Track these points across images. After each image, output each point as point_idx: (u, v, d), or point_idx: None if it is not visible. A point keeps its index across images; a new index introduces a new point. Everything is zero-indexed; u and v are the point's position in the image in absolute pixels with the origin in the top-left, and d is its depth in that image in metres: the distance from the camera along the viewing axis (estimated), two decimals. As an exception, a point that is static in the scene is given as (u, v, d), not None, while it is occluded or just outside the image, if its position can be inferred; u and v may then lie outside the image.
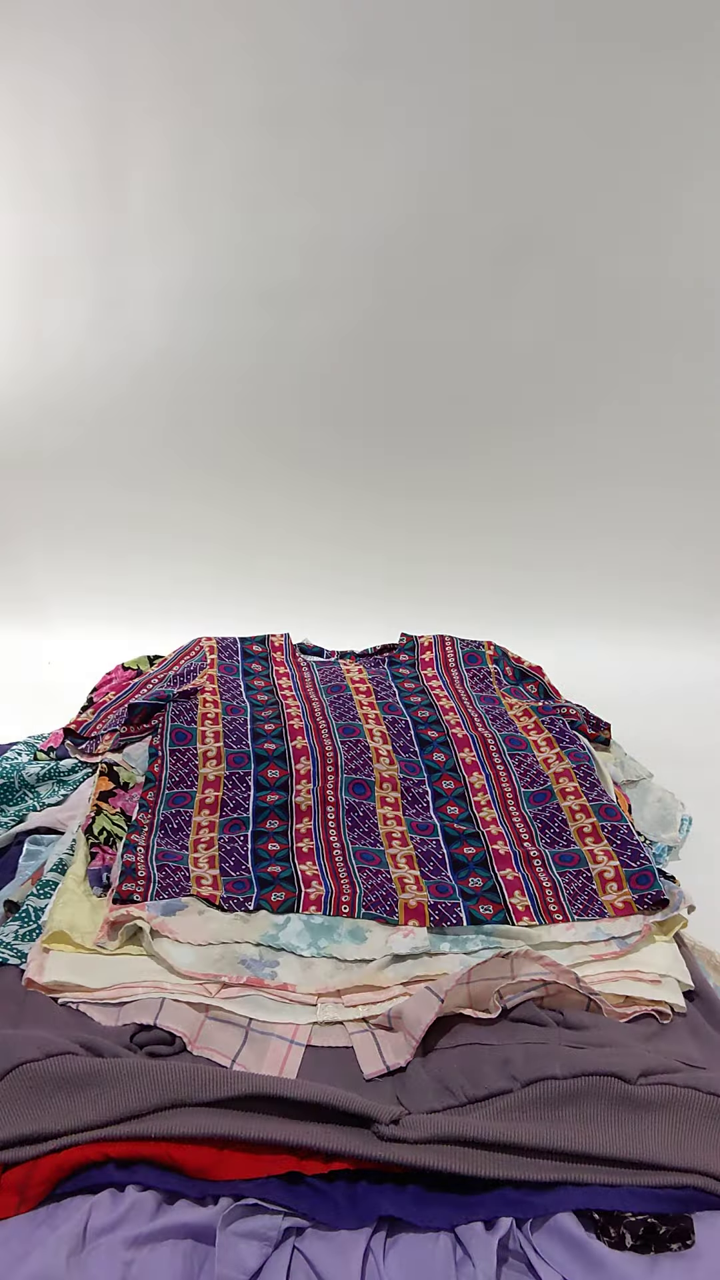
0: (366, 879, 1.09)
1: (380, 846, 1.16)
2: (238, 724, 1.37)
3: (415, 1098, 0.83)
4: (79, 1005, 0.94)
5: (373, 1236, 0.72)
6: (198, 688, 1.44)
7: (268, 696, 1.44)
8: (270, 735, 1.34)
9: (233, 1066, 0.87)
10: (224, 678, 1.48)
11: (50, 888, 1.10)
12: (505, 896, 1.07)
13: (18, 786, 1.33)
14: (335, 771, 1.26)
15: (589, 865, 1.12)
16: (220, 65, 1.86)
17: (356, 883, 1.09)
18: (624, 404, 2.11)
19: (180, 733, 1.34)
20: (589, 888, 1.09)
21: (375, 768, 1.28)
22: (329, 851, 1.15)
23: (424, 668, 1.55)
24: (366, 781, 1.25)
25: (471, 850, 1.15)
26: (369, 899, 1.06)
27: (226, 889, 1.09)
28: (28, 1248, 0.70)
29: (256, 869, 1.12)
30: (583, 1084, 0.80)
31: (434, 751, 1.33)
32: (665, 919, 1.04)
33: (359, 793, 1.24)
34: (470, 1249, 0.71)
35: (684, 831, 1.41)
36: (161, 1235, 0.71)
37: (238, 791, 1.25)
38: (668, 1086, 0.79)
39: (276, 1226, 0.72)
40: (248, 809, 1.22)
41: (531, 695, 1.53)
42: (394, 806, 1.23)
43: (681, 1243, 0.70)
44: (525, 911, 1.06)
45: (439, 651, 1.59)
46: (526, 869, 1.12)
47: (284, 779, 1.26)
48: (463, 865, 1.13)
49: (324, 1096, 0.79)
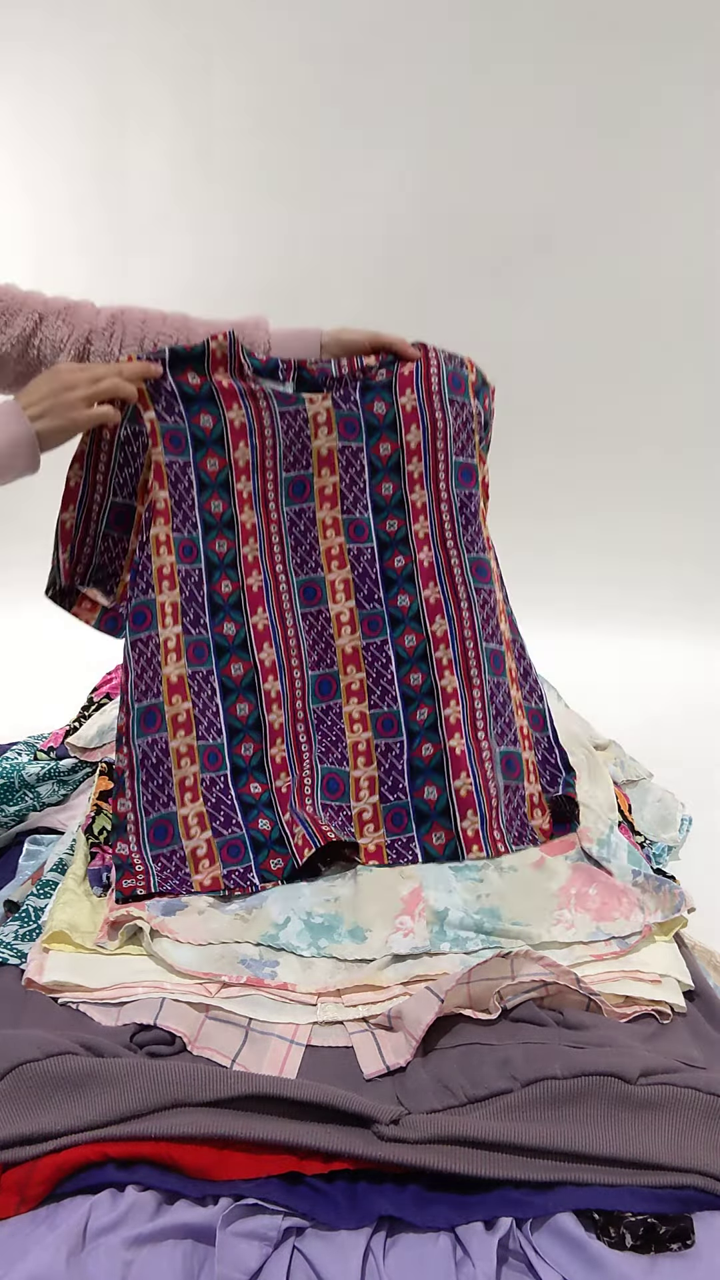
0: (329, 816, 1.19)
1: (345, 767, 1.21)
2: (192, 584, 1.20)
3: (415, 1098, 0.83)
4: (79, 1005, 0.94)
5: (373, 1236, 0.72)
6: (152, 502, 1.17)
7: (223, 506, 1.20)
8: (228, 605, 1.21)
9: (233, 1066, 0.87)
10: (171, 464, 1.17)
11: (50, 888, 1.10)
12: (458, 820, 1.19)
13: (18, 786, 1.33)
14: (300, 666, 1.24)
15: (524, 783, 1.24)
16: (220, 66, 1.86)
17: (324, 821, 1.17)
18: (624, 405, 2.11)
19: (139, 612, 1.18)
20: (522, 810, 1.20)
21: (338, 644, 1.25)
22: (301, 792, 1.20)
23: (402, 389, 1.25)
24: (330, 676, 1.25)
25: (430, 750, 1.21)
26: (342, 831, 1.17)
27: (224, 858, 1.13)
28: (27, 1247, 0.70)
29: (247, 824, 1.16)
30: (583, 1084, 0.80)
31: (398, 594, 1.26)
32: (666, 919, 1.05)
33: (325, 693, 1.24)
34: (470, 1249, 0.71)
35: (684, 831, 1.41)
36: (161, 1235, 0.71)
37: (206, 702, 1.20)
38: (668, 1086, 0.79)
39: (276, 1226, 0.72)
40: (220, 727, 1.20)
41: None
42: (359, 698, 1.24)
43: (681, 1243, 0.70)
44: (475, 839, 1.18)
45: (422, 370, 1.26)
46: (479, 773, 1.21)
47: (249, 675, 1.21)
48: (420, 771, 1.21)
49: (324, 1097, 0.79)
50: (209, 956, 0.99)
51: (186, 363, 1.17)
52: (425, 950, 1.00)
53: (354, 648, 1.25)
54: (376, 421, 1.25)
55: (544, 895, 1.09)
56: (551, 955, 0.98)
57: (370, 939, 1.02)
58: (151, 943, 1.00)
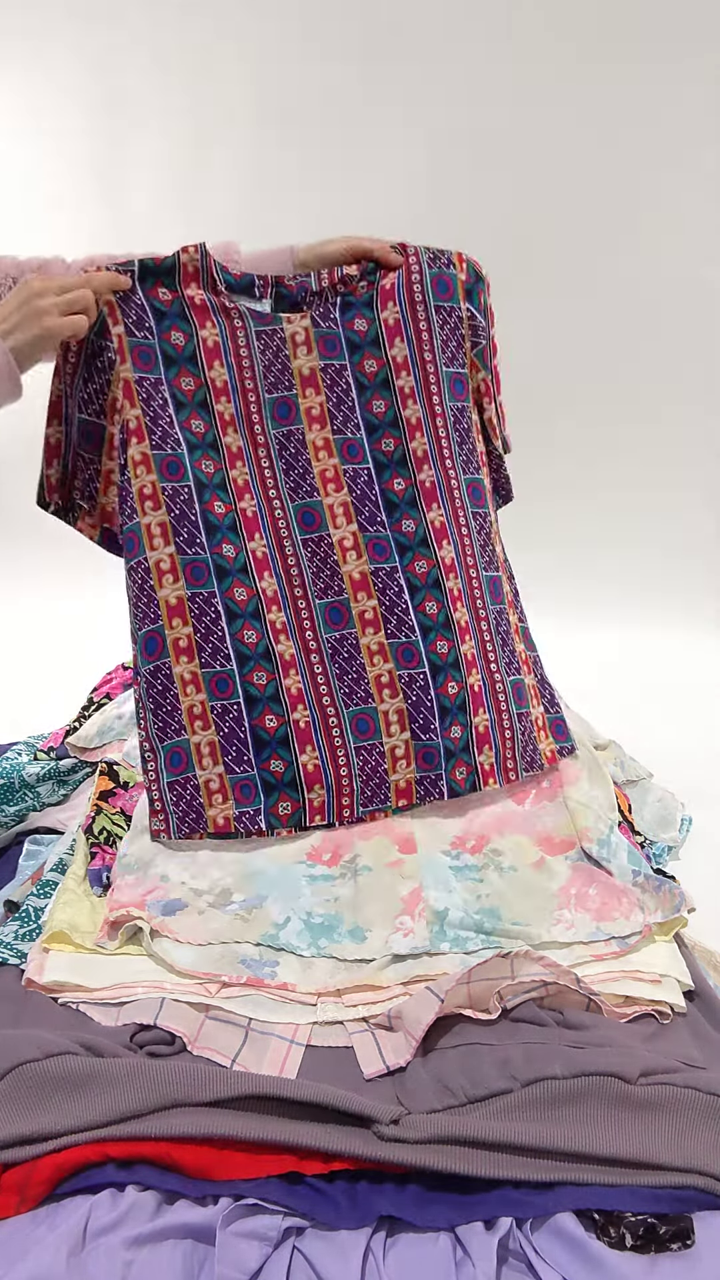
0: (363, 761, 1.20)
1: (373, 704, 1.21)
2: (182, 502, 1.15)
3: (415, 1098, 0.83)
4: (79, 1005, 0.94)
5: (373, 1236, 0.72)
6: (124, 422, 1.14)
7: (204, 426, 1.16)
8: (224, 526, 1.16)
9: (233, 1066, 0.87)
10: (141, 380, 1.13)
11: (50, 888, 1.10)
12: (475, 755, 1.21)
13: (18, 786, 1.33)
14: (305, 595, 1.20)
15: (531, 707, 1.27)
16: (219, 66, 1.86)
17: (354, 770, 1.19)
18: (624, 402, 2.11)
19: (129, 538, 1.16)
20: (532, 734, 1.26)
21: (344, 571, 1.20)
22: (327, 728, 1.20)
23: (384, 303, 1.19)
24: (340, 604, 1.20)
25: (455, 689, 1.21)
26: (365, 793, 1.19)
27: (236, 798, 1.16)
28: (27, 1247, 0.70)
29: (259, 763, 1.17)
30: (583, 1084, 0.80)
31: (402, 519, 1.21)
32: (666, 919, 1.05)
33: (336, 621, 1.21)
34: (470, 1249, 0.71)
35: (684, 831, 1.41)
36: (161, 1235, 0.71)
37: (210, 626, 1.17)
38: (668, 1086, 0.79)
39: (276, 1226, 0.72)
40: (228, 652, 1.17)
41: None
42: (374, 627, 1.21)
43: (681, 1243, 0.71)
44: (490, 772, 1.21)
45: (404, 278, 1.20)
46: (494, 707, 1.24)
47: (254, 601, 1.17)
48: (448, 711, 1.21)
49: (324, 1097, 0.79)
50: (209, 956, 0.99)
51: (156, 276, 1.12)
52: (425, 950, 1.00)
53: (362, 573, 1.20)
54: (358, 339, 1.20)
55: (544, 895, 1.09)
56: (551, 955, 0.98)
57: (370, 939, 1.02)
58: (151, 943, 1.00)
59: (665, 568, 2.20)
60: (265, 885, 1.10)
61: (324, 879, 1.12)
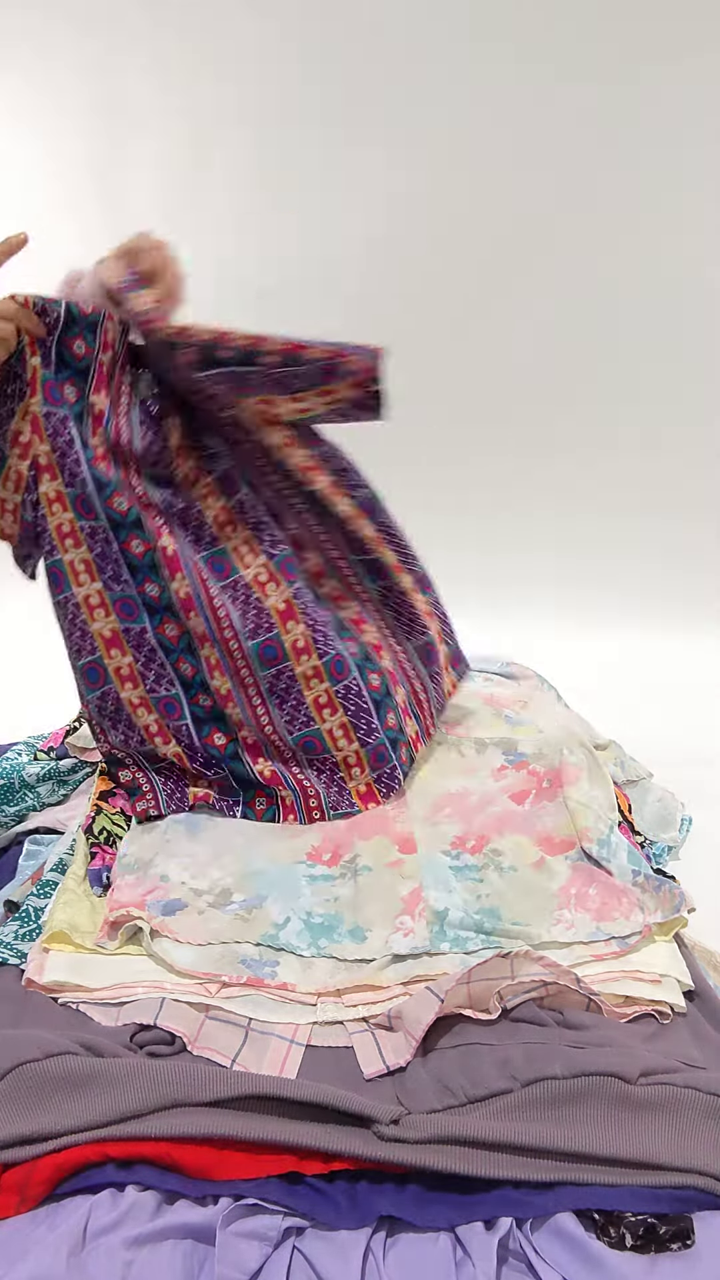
0: (317, 771, 1.24)
1: (316, 725, 1.22)
2: (101, 541, 1.14)
3: (415, 1098, 0.83)
4: (79, 1005, 0.94)
5: (373, 1236, 0.72)
6: (34, 458, 1.11)
7: (110, 470, 1.13)
8: (144, 565, 1.16)
9: (233, 1066, 0.87)
10: (49, 415, 1.11)
11: (50, 888, 1.10)
12: (406, 731, 1.27)
13: (18, 786, 1.33)
14: (235, 636, 1.19)
15: (439, 652, 1.34)
16: (219, 67, 1.86)
17: (313, 779, 1.23)
18: (624, 402, 2.11)
19: (53, 573, 1.15)
20: (442, 685, 1.34)
21: (268, 605, 1.19)
22: (276, 748, 1.23)
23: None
24: (273, 640, 1.19)
25: (376, 679, 1.24)
26: (329, 799, 1.23)
27: (216, 789, 1.23)
28: (27, 1247, 0.70)
29: (224, 772, 1.22)
30: (583, 1084, 0.80)
31: (276, 529, 1.22)
32: (666, 919, 1.05)
33: (271, 658, 1.19)
34: (470, 1249, 0.71)
35: (684, 831, 1.41)
36: (161, 1235, 0.71)
37: (148, 656, 1.18)
38: (668, 1086, 0.79)
39: (276, 1226, 0.72)
40: (171, 678, 1.19)
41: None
42: (308, 653, 1.19)
43: (681, 1243, 0.70)
44: (417, 738, 1.29)
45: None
46: (406, 680, 1.29)
47: (185, 638, 1.18)
48: (380, 704, 1.24)
49: (324, 1097, 0.79)
50: (209, 956, 0.99)
51: (80, 327, 1.09)
52: (425, 950, 1.00)
53: (286, 600, 1.19)
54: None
55: (544, 895, 1.09)
56: (551, 955, 0.98)
57: (370, 939, 1.02)
58: (151, 943, 1.00)
59: (665, 568, 2.20)
60: (265, 885, 1.10)
61: (324, 879, 1.12)
